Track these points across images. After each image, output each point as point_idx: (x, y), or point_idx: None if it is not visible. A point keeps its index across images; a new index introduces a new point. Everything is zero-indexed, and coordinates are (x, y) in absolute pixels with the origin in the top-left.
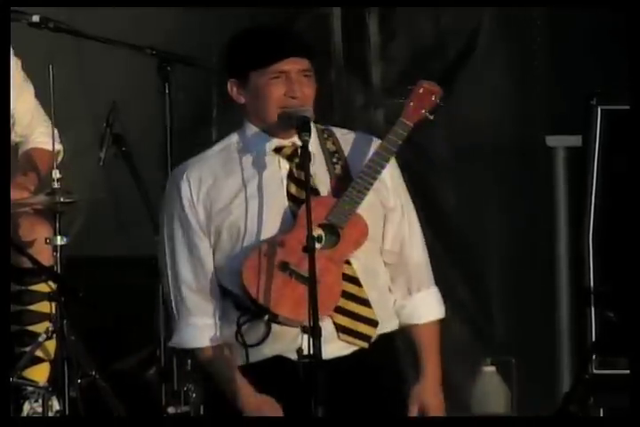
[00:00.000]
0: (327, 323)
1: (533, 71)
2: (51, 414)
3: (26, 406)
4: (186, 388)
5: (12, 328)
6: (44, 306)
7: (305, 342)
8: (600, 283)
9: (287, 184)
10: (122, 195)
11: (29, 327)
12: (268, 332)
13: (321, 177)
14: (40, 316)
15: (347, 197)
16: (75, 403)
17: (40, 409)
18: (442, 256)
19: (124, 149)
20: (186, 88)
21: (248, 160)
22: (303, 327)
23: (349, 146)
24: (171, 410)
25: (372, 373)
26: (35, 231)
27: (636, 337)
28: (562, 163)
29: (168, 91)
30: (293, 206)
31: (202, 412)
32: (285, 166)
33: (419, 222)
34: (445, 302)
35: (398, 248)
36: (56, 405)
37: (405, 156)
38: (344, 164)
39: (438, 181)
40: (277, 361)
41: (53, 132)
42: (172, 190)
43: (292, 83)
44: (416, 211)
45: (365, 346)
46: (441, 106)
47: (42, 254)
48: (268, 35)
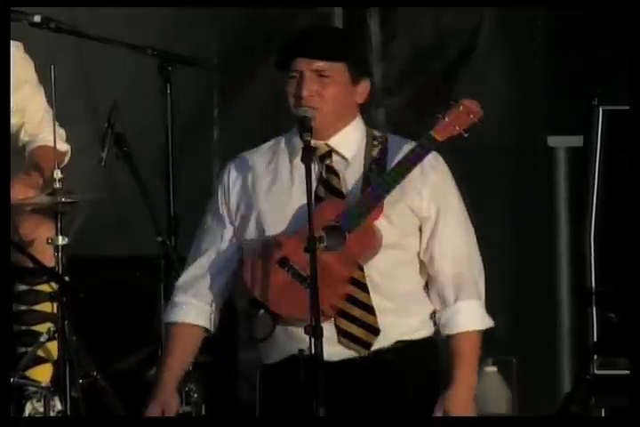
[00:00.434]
0: (330, 325)
1: (533, 71)
2: (52, 414)
3: (28, 406)
4: (187, 388)
5: (16, 328)
6: (47, 306)
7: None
8: (601, 283)
9: (316, 185)
10: (123, 195)
11: (32, 327)
12: (274, 328)
13: (353, 182)
14: (43, 316)
15: (360, 203)
16: (76, 403)
17: (42, 409)
18: None
19: (125, 149)
20: (187, 88)
21: (287, 158)
22: (305, 328)
23: (397, 155)
24: None
25: (384, 378)
26: (38, 231)
27: (637, 337)
28: (563, 163)
29: (169, 91)
30: None
31: (203, 412)
32: (321, 167)
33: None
34: None
35: (428, 259)
36: (58, 405)
37: None
38: (382, 172)
39: None
40: (292, 362)
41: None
42: (219, 178)
43: (301, 82)
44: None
45: (365, 353)
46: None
47: (44, 254)
48: (298, 35)
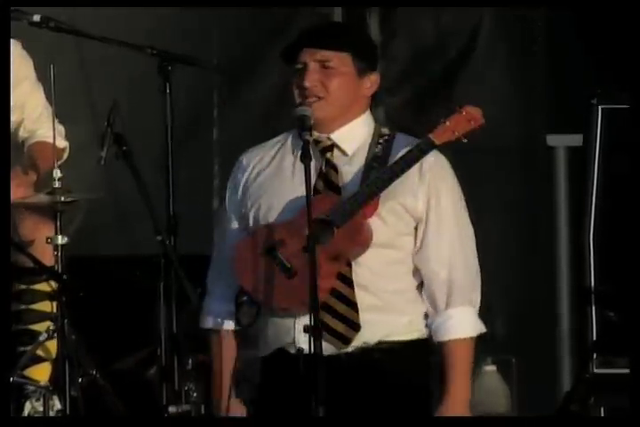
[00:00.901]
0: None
1: (533, 71)
2: (52, 413)
3: (27, 405)
4: (187, 387)
5: (14, 327)
6: (46, 305)
7: (298, 336)
8: (600, 282)
9: (315, 179)
10: (122, 194)
11: (31, 327)
12: (257, 315)
13: (352, 177)
14: (42, 315)
15: (352, 199)
16: (76, 402)
17: (41, 408)
18: None
19: (125, 149)
20: (186, 88)
21: (291, 153)
22: (305, 326)
23: (400, 154)
24: (171, 409)
25: (370, 375)
26: (38, 231)
27: (637, 336)
28: (562, 162)
29: (169, 90)
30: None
31: (203, 411)
32: (321, 161)
33: (460, 239)
34: None
35: (420, 261)
36: (57, 404)
37: None
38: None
39: None
40: (280, 355)
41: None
42: (231, 172)
43: (305, 73)
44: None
45: (345, 348)
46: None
47: (44, 254)
48: (304, 28)
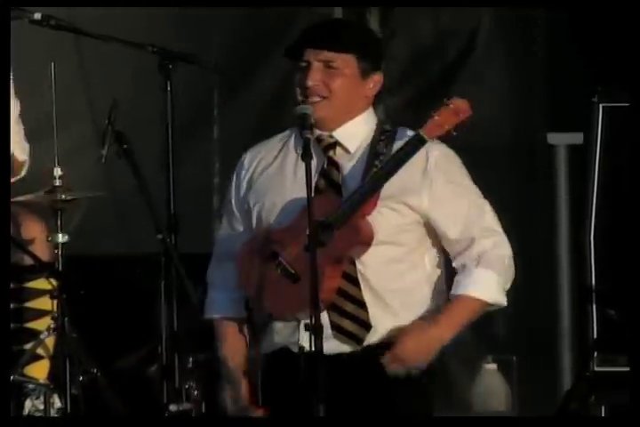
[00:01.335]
0: (324, 319)
1: (532, 69)
2: (52, 411)
3: (27, 403)
4: (187, 385)
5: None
6: (41, 303)
7: (303, 336)
8: (601, 281)
9: (317, 177)
10: (122, 192)
11: (27, 325)
12: (269, 321)
13: (353, 176)
14: (37, 313)
15: (349, 199)
16: (76, 400)
17: (42, 406)
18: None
19: (126, 147)
20: (187, 86)
21: (294, 151)
22: (306, 325)
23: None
24: (172, 408)
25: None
26: (28, 230)
27: (637, 335)
28: (563, 160)
29: (169, 88)
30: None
31: (203, 409)
32: (323, 159)
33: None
34: None
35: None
36: (57, 402)
37: None
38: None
39: None
40: (283, 354)
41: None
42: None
43: (308, 72)
44: None
45: (357, 348)
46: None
47: (43, 253)
48: (310, 26)
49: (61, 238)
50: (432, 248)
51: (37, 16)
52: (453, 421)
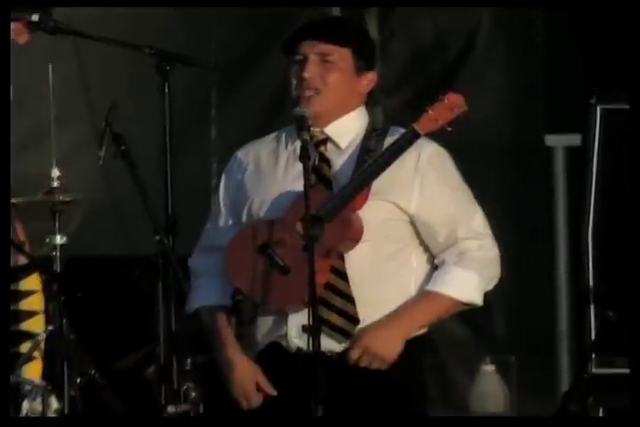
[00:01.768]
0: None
1: (531, 70)
2: (50, 412)
3: (25, 404)
4: (185, 387)
5: None
6: (29, 303)
7: (290, 330)
8: (599, 282)
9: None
10: (121, 193)
11: (17, 326)
12: (256, 312)
13: (344, 171)
14: (26, 314)
15: (340, 193)
16: (74, 402)
17: (39, 408)
18: None
19: (124, 148)
20: (184, 86)
21: (286, 148)
22: (303, 326)
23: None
24: (170, 409)
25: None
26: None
27: (636, 336)
28: (561, 162)
29: (167, 90)
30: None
31: (201, 411)
32: (314, 154)
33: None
34: None
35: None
36: (55, 403)
37: None
38: None
39: None
40: (273, 349)
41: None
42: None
43: (304, 65)
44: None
45: (345, 342)
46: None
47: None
48: (306, 21)
49: (59, 240)
50: (420, 245)
51: (35, 18)
52: (452, 421)
